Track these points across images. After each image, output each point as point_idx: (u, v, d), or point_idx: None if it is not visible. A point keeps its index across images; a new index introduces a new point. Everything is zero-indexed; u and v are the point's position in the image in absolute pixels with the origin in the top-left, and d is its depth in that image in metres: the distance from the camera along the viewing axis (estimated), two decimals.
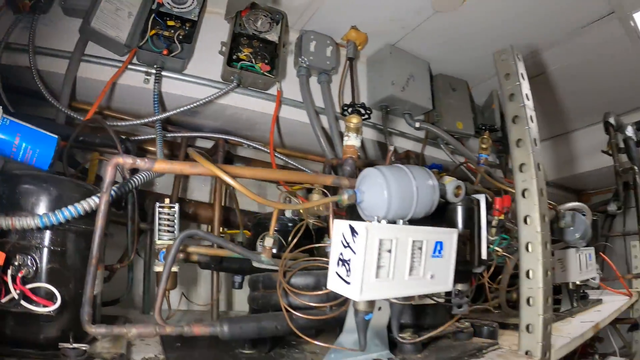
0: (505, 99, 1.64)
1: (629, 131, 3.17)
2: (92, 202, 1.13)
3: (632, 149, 3.15)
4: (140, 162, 1.06)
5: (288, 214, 1.71)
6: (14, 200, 1.14)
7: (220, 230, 2.22)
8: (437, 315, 1.50)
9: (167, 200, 1.67)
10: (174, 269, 1.61)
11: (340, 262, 1.04)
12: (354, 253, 0.99)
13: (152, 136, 2.09)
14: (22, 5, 1.89)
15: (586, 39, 2.66)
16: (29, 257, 1.13)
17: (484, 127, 2.87)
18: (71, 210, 1.11)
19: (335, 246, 1.06)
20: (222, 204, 2.27)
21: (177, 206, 1.65)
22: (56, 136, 1.33)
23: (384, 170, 1.16)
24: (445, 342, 1.52)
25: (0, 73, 1.83)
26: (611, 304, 2.55)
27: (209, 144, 2.48)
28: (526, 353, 1.41)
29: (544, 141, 4.24)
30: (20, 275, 1.09)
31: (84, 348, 1.11)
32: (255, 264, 1.51)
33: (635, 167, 3.09)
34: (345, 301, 1.22)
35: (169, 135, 2.25)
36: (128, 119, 2.11)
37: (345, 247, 1.02)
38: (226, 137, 2.40)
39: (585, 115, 3.59)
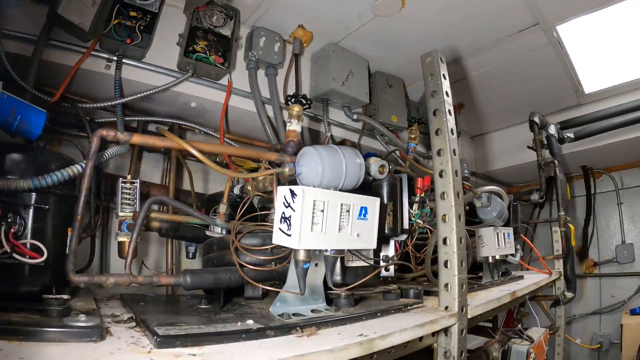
0: (428, 95, 1.89)
1: (552, 129, 3.60)
2: (75, 169, 1.37)
3: (553, 146, 3.56)
4: (120, 135, 1.29)
5: (236, 191, 1.96)
6: (5, 165, 1.35)
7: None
8: (367, 276, 1.77)
9: (128, 177, 1.88)
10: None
11: (283, 220, 1.33)
12: (294, 211, 1.29)
13: (111, 119, 2.31)
14: None
15: (512, 47, 3.04)
16: (18, 216, 1.34)
17: (413, 120, 3.23)
18: (58, 175, 1.34)
19: (278, 207, 1.35)
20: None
21: (138, 181, 1.82)
22: (45, 111, 1.55)
23: (319, 148, 1.46)
24: (375, 301, 1.78)
25: None
26: (531, 280, 2.91)
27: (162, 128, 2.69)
28: (445, 308, 1.69)
29: (475, 137, 4.69)
30: (12, 231, 1.29)
31: (65, 297, 1.26)
32: (208, 233, 1.80)
33: (556, 161, 3.52)
34: (287, 257, 1.50)
35: (127, 118, 2.43)
36: (87, 101, 2.26)
37: (286, 207, 1.32)
38: (180, 122, 2.63)
39: (512, 116, 4.04)
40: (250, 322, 1.29)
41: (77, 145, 2.17)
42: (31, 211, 1.38)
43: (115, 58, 2.26)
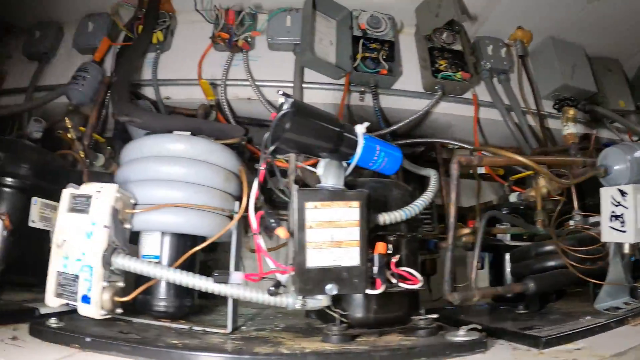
0: None
1: None
2: (431, 196, 1.66)
3: None
4: (473, 159, 1.60)
5: (512, 199, 2.27)
6: (382, 201, 1.58)
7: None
8: None
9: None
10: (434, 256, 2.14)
11: (614, 218, 1.61)
12: (626, 208, 1.58)
13: None
14: (242, 45, 2.55)
15: None
16: (394, 247, 1.48)
17: None
18: (421, 203, 1.57)
19: (605, 207, 1.65)
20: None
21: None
22: (399, 148, 1.68)
23: (622, 147, 1.73)
24: None
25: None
26: None
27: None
28: None
29: None
30: (393, 261, 1.44)
31: (434, 317, 1.42)
32: (507, 242, 2.13)
33: None
34: (602, 257, 1.73)
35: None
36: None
37: (616, 205, 1.61)
38: (439, 140, 2.87)
39: None
40: (588, 317, 1.58)
41: None
42: (401, 240, 1.59)
43: (369, 90, 2.61)
